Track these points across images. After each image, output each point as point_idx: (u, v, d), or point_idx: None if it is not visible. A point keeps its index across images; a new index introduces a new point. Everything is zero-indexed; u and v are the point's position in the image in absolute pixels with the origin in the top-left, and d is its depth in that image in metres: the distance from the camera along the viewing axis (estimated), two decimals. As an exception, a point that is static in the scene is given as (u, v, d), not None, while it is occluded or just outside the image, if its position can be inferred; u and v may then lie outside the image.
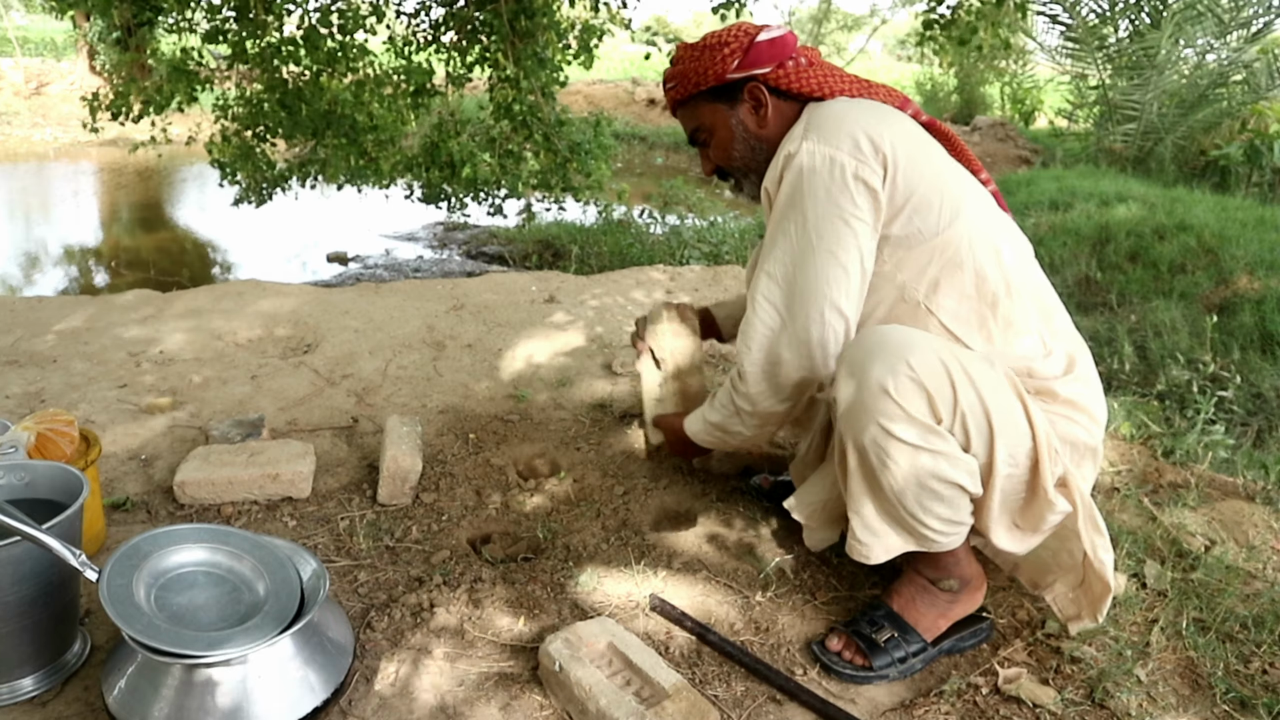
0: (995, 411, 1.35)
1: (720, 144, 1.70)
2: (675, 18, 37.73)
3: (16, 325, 3.09)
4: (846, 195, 1.45)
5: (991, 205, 1.60)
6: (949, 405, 1.34)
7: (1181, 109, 9.86)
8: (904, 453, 1.36)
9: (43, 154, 14.01)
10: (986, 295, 1.48)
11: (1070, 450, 1.47)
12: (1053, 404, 1.47)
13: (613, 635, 1.44)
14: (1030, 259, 1.60)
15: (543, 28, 6.10)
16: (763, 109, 1.64)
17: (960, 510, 1.42)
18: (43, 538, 1.28)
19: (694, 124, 1.73)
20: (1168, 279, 4.88)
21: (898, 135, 1.48)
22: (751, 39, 1.61)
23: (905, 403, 1.33)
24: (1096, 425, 1.50)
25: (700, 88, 1.66)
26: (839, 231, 1.46)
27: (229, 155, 6.45)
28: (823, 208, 1.47)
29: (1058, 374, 1.48)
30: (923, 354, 1.34)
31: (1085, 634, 1.60)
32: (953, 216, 1.48)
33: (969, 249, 1.48)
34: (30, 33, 23.21)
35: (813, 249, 1.48)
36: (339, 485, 2.10)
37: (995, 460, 1.37)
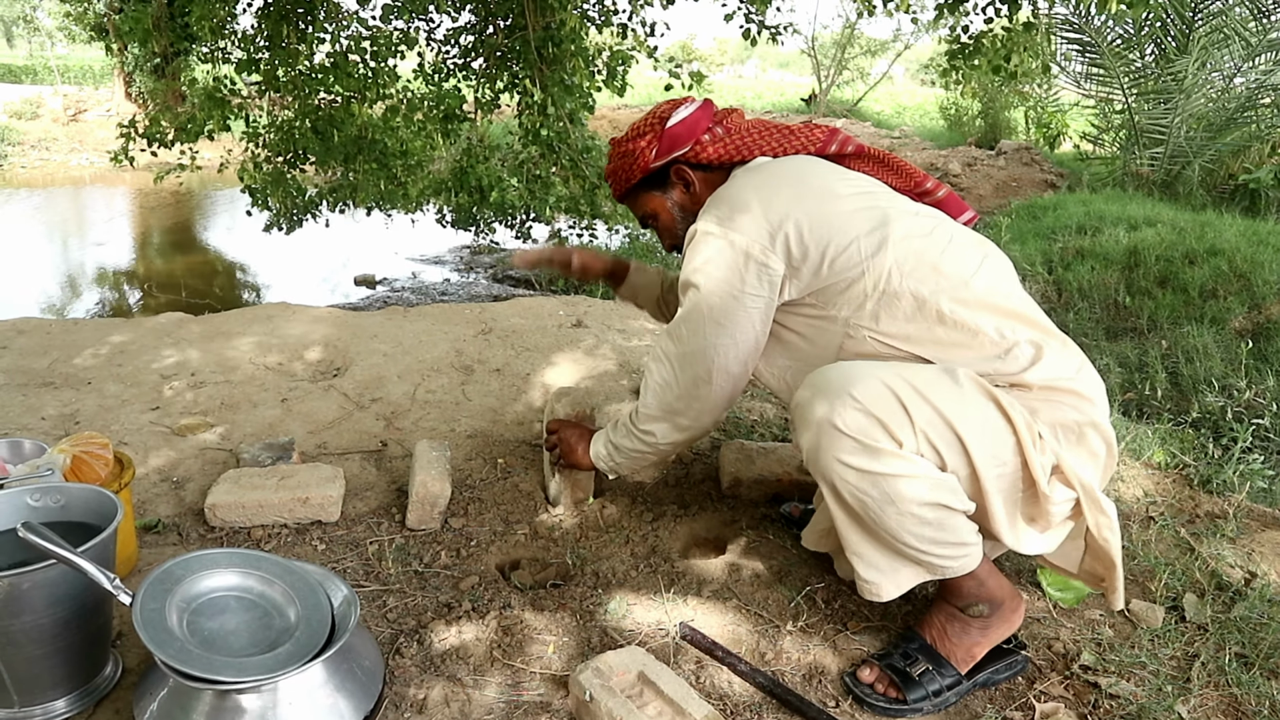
0: (960, 419, 1.35)
1: (665, 227, 1.84)
2: (700, 43, 37.98)
3: (53, 348, 3.14)
4: (737, 274, 1.56)
5: (926, 221, 1.58)
6: (905, 427, 1.35)
7: (1209, 132, 9.77)
8: (874, 483, 1.36)
9: (79, 179, 14.30)
10: (930, 313, 1.49)
11: (1063, 432, 1.46)
12: (1029, 394, 1.46)
13: (643, 665, 1.43)
14: (981, 259, 1.57)
15: (569, 54, 6.16)
16: (692, 186, 1.77)
17: (956, 531, 1.41)
18: (78, 561, 1.29)
19: (640, 212, 1.88)
20: (1199, 304, 4.82)
21: (795, 199, 1.55)
22: (664, 126, 1.73)
23: (858, 434, 1.35)
24: (1085, 401, 1.48)
25: (631, 182, 1.81)
26: (729, 307, 1.58)
27: (260, 181, 6.54)
28: (715, 284, 1.57)
29: (1025, 365, 1.46)
30: (865, 383, 1.36)
31: (1123, 668, 1.57)
32: (874, 249, 1.50)
33: (900, 276, 1.49)
34: (70, 61, 23.76)
35: (704, 319, 1.61)
36: (368, 509, 2.10)
37: (977, 467, 1.37)
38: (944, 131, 18.04)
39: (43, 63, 23.86)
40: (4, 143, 15.29)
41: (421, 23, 6.73)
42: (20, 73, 23.91)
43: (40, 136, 15.97)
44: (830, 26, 34.00)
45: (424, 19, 6.70)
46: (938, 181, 1.78)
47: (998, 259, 1.60)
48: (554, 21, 5.97)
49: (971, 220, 1.76)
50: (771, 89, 33.38)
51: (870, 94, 24.67)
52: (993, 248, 1.63)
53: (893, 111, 23.58)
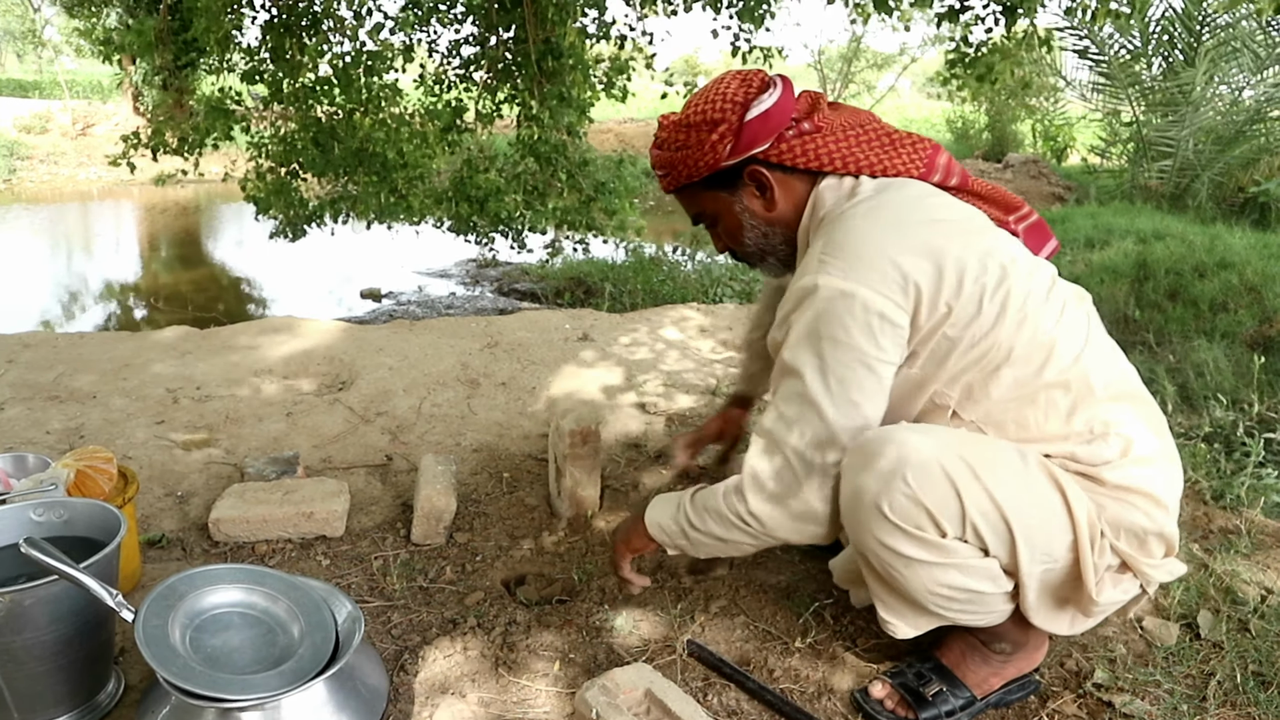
0: (1015, 512, 1.26)
1: (728, 231, 1.55)
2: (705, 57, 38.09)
3: (59, 361, 3.14)
4: (869, 338, 1.30)
5: (1041, 280, 1.38)
6: (954, 517, 1.26)
7: (1218, 145, 9.75)
8: (908, 566, 1.31)
9: (87, 193, 14.38)
10: (1025, 394, 1.33)
11: (1125, 535, 1.33)
12: (1101, 490, 1.32)
13: (650, 682, 1.41)
14: (1086, 326, 1.39)
15: (569, 68, 6.18)
16: (769, 191, 1.47)
17: (988, 604, 1.36)
18: (80, 577, 1.28)
19: (695, 209, 1.58)
20: (1209, 317, 4.78)
21: (930, 249, 1.31)
22: (742, 117, 1.41)
23: (903, 522, 1.27)
24: (1159, 508, 1.33)
25: (693, 179, 1.50)
26: (859, 377, 1.32)
27: (263, 192, 6.57)
28: (842, 352, 1.31)
29: (1109, 459, 1.32)
30: (922, 465, 1.24)
31: (1138, 686, 1.55)
32: (992, 323, 1.31)
33: (1007, 355, 1.32)
34: (79, 76, 23.94)
35: (833, 399, 1.33)
36: (373, 524, 2.09)
37: (1020, 560, 1.28)
38: (951, 145, 18.05)
39: (51, 77, 24.05)
40: (13, 156, 15.39)
41: (423, 35, 6.76)
42: (29, 87, 24.09)
43: (49, 151, 16.08)
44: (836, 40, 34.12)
45: (425, 31, 6.73)
46: (1030, 208, 1.56)
47: (1098, 326, 1.43)
48: (554, 35, 6.00)
49: (1053, 253, 1.55)
50: (777, 102, 33.41)
51: (876, 107, 24.71)
52: (1091, 309, 1.45)
53: (899, 125, 23.52)
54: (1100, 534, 1.31)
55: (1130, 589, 1.37)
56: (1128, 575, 1.35)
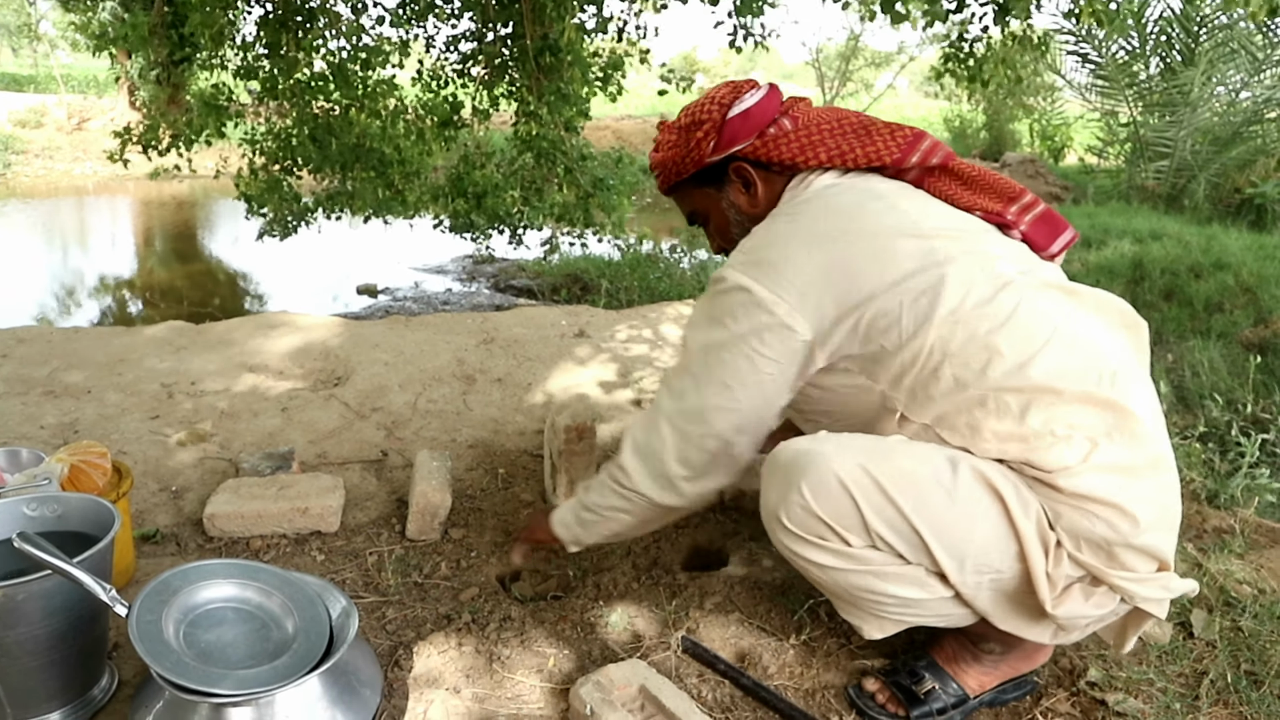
0: (929, 522, 1.24)
1: (718, 228, 1.63)
2: (704, 54, 38.09)
3: (53, 356, 3.13)
4: (755, 332, 1.35)
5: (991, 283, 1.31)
6: (856, 527, 1.26)
7: (1215, 146, 9.78)
8: (823, 572, 1.33)
9: (82, 188, 14.33)
10: (972, 395, 1.28)
11: (1087, 546, 1.26)
12: (1058, 497, 1.26)
13: (645, 678, 1.41)
14: (1051, 331, 1.30)
15: (567, 64, 6.18)
16: (753, 187, 1.54)
17: (931, 607, 1.34)
18: (74, 572, 1.28)
19: (689, 208, 1.67)
20: (1204, 318, 4.80)
21: (837, 255, 1.33)
22: (724, 115, 1.50)
23: (803, 531, 1.30)
24: (1125, 519, 1.23)
25: (682, 176, 1.59)
26: (739, 367, 1.38)
27: (256, 189, 6.55)
28: (727, 338, 1.38)
29: (1068, 464, 1.24)
30: (819, 477, 1.26)
31: (1131, 685, 1.55)
32: (916, 325, 1.29)
33: (941, 355, 1.29)
34: (74, 70, 23.87)
35: (708, 376, 1.41)
36: (368, 520, 2.09)
37: (946, 570, 1.27)
38: (948, 144, 18.03)
39: (46, 72, 23.96)
40: (8, 151, 15.33)
41: (420, 30, 6.75)
42: (24, 82, 24.00)
43: (44, 145, 16.02)
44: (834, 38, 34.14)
45: (422, 26, 6.72)
46: (1034, 198, 1.50)
47: (1078, 324, 1.33)
48: (552, 31, 5.99)
49: (1069, 243, 1.51)
50: (775, 101, 33.42)
51: (874, 106, 24.72)
52: (1076, 314, 1.35)
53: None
54: (1056, 543, 1.26)
55: (1107, 603, 1.30)
56: (1103, 588, 1.29)
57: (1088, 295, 1.42)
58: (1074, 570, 1.27)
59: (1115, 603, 1.31)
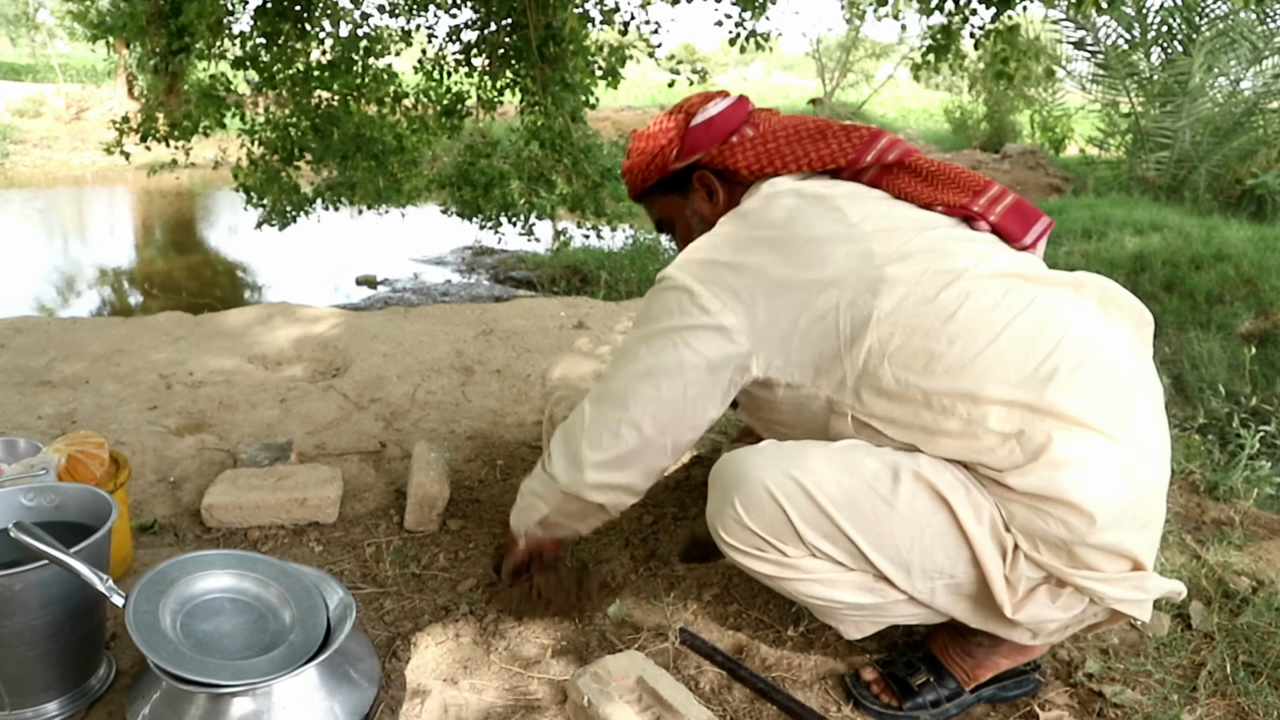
0: (864, 531, 1.23)
1: (683, 235, 1.65)
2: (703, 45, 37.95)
3: (51, 346, 3.12)
4: (687, 330, 1.36)
5: (934, 281, 1.30)
6: (789, 537, 1.26)
7: (1216, 137, 9.76)
8: (771, 581, 1.33)
9: (81, 178, 14.30)
10: (914, 396, 1.27)
11: (1044, 546, 1.22)
12: (1010, 496, 1.22)
13: (642, 670, 1.41)
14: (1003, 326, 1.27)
15: (570, 54, 6.16)
16: (715, 195, 1.57)
17: (889, 610, 1.33)
18: (70, 562, 1.27)
19: (655, 215, 1.71)
20: (1205, 309, 4.80)
21: (773, 265, 1.35)
22: (687, 124, 1.55)
23: (740, 544, 1.30)
24: (1080, 517, 1.18)
25: (648, 183, 1.63)
26: (665, 359, 1.38)
27: (255, 180, 6.53)
28: (659, 330, 1.39)
29: (1017, 462, 1.20)
30: (749, 489, 1.26)
31: (1129, 676, 1.55)
32: (853, 331, 1.29)
33: (881, 357, 1.28)
34: (72, 60, 23.78)
35: (635, 363, 1.41)
36: (366, 511, 2.09)
37: (891, 578, 1.26)
38: (949, 135, 18.04)
39: (45, 61, 23.89)
40: (6, 141, 15.29)
41: (421, 19, 6.72)
42: (23, 71, 23.91)
43: (43, 135, 15.97)
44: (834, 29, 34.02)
45: (423, 15, 6.69)
46: (1002, 189, 1.47)
47: (1036, 318, 1.28)
48: (555, 20, 5.97)
49: (1045, 231, 1.48)
50: (776, 92, 33.36)
51: (875, 97, 24.67)
52: (1040, 299, 1.30)
53: (898, 114, 23.57)
54: (1013, 546, 1.23)
55: (1074, 605, 1.27)
56: (1068, 589, 1.25)
57: (1063, 279, 1.38)
58: (1034, 572, 1.24)
59: (1084, 603, 1.27)
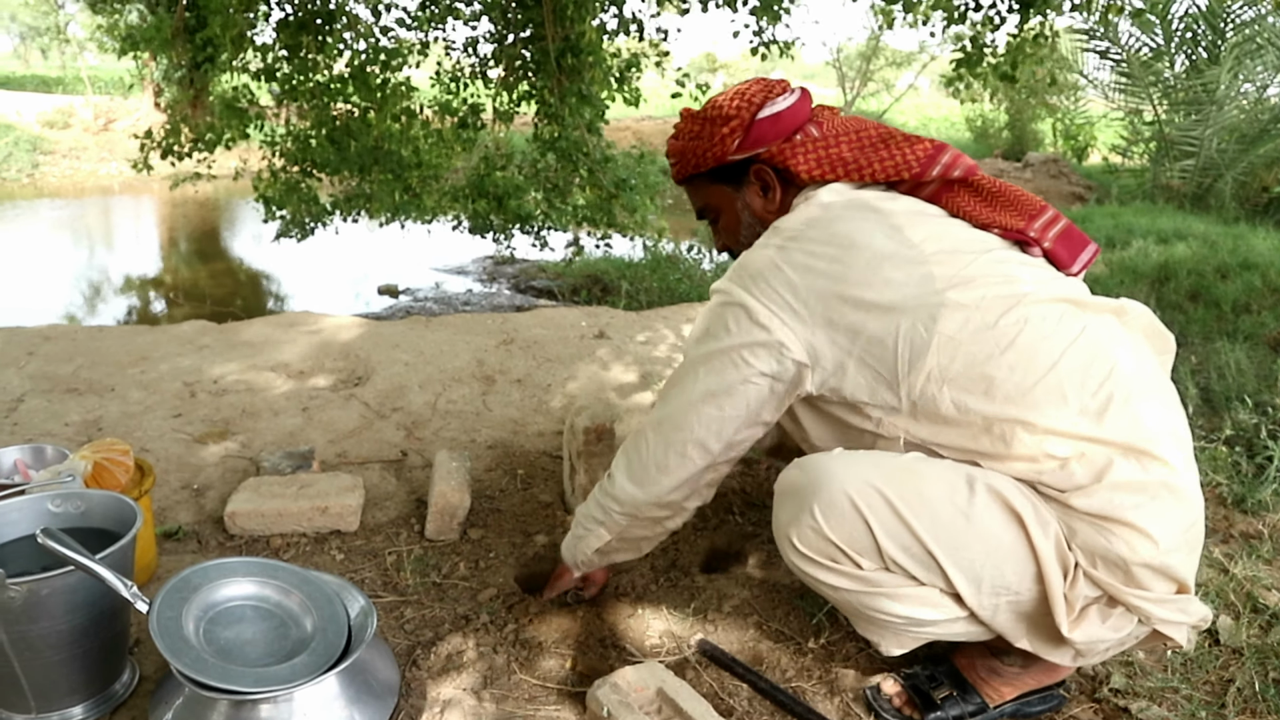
0: (944, 545, 1.22)
1: (727, 227, 1.61)
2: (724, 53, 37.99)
3: (78, 354, 3.16)
4: (747, 347, 1.35)
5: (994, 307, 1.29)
6: (868, 550, 1.24)
7: (1242, 144, 9.64)
8: (836, 593, 1.31)
9: (108, 188, 14.48)
10: (974, 421, 1.27)
11: (1108, 566, 1.22)
12: (1072, 514, 1.24)
13: (662, 681, 1.40)
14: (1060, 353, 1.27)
15: (588, 65, 6.17)
16: (771, 192, 1.52)
17: (946, 627, 1.31)
18: (95, 568, 1.29)
19: (700, 202, 1.64)
20: (1231, 319, 4.73)
21: (832, 284, 1.32)
22: (754, 115, 1.47)
23: (814, 554, 1.28)
24: (1143, 539, 1.20)
25: (700, 169, 1.56)
26: (727, 378, 1.37)
27: (275, 191, 6.58)
28: (719, 351, 1.38)
29: (1081, 483, 1.22)
30: (830, 497, 1.24)
31: (1155, 693, 1.53)
32: (919, 350, 1.28)
33: (940, 383, 1.28)
34: (101, 72, 24.11)
35: (695, 384, 1.40)
36: (387, 519, 2.09)
37: (961, 592, 1.24)
38: (970, 143, 17.94)
39: (74, 73, 24.24)
40: (36, 151, 15.51)
41: (439, 32, 6.76)
42: (53, 83, 24.29)
43: (71, 145, 16.18)
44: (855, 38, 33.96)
45: (440, 28, 6.73)
46: (1055, 213, 1.45)
47: (1089, 347, 1.28)
48: (573, 33, 5.99)
49: (1091, 259, 1.46)
50: (795, 100, 33.28)
51: (896, 106, 24.60)
52: (1090, 328, 1.30)
53: (919, 123, 23.49)
54: (1074, 564, 1.23)
55: (1124, 625, 1.26)
56: (1119, 609, 1.25)
57: (1106, 306, 1.38)
58: (1090, 590, 1.24)
59: (1133, 624, 1.27)
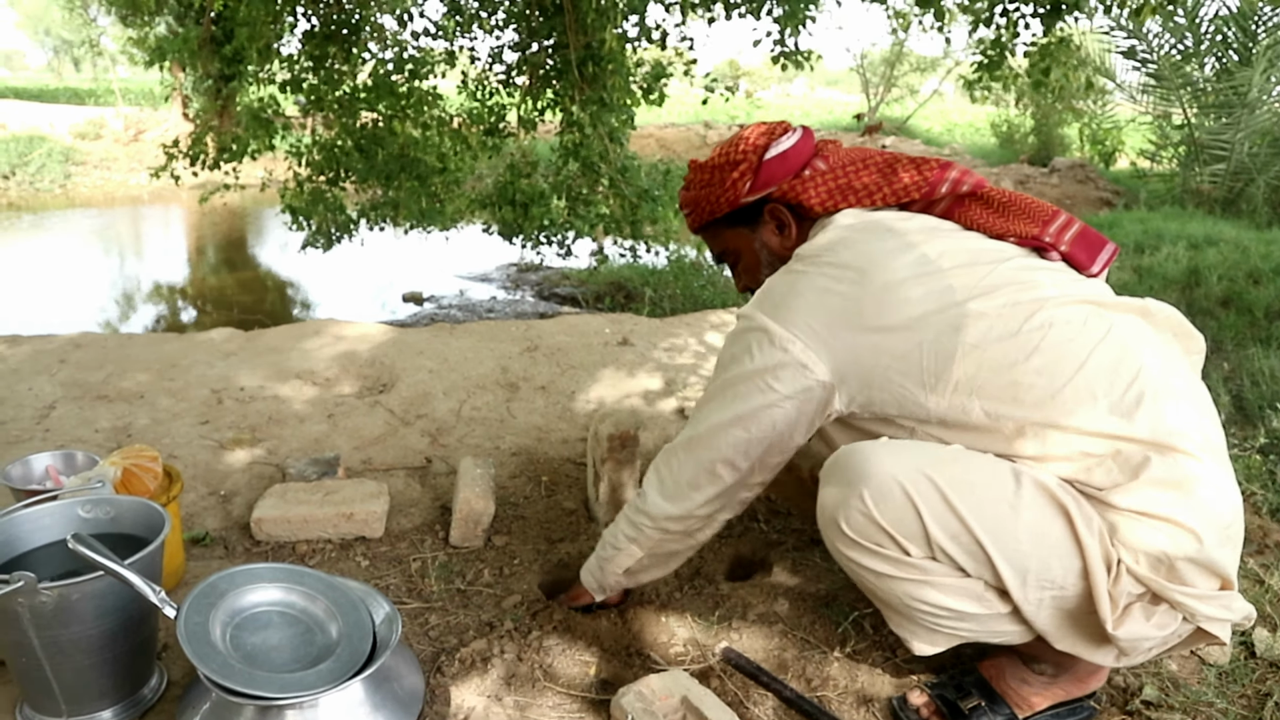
0: (993, 535, 1.21)
1: (748, 268, 1.64)
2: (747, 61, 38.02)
3: (108, 362, 3.20)
4: (770, 370, 1.37)
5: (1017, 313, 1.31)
6: (917, 537, 1.23)
7: (1274, 148, 9.50)
8: (879, 579, 1.30)
9: (138, 197, 14.69)
10: (1005, 427, 1.29)
11: (1151, 562, 1.22)
12: (1112, 511, 1.24)
13: (687, 690, 1.39)
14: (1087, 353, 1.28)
15: (610, 73, 6.18)
16: (787, 229, 1.56)
17: (986, 623, 1.30)
18: (125, 573, 1.30)
19: (719, 248, 1.69)
20: (1264, 325, 4.66)
21: (852, 303, 1.34)
22: (761, 157, 1.53)
23: (862, 538, 1.27)
24: (1185, 533, 1.20)
25: (716, 215, 1.61)
26: (753, 400, 1.39)
27: (300, 201, 6.63)
28: (744, 376, 1.40)
29: (1119, 481, 1.23)
30: (880, 482, 1.24)
31: (1189, 705, 1.50)
32: (945, 361, 1.30)
33: (969, 392, 1.29)
34: (131, 84, 24.48)
35: (723, 407, 1.43)
36: (412, 526, 2.10)
37: (1008, 585, 1.23)
38: (995, 149, 17.82)
39: (105, 85, 24.62)
40: (68, 162, 15.77)
41: (465, 40, 6.81)
42: (85, 95, 24.68)
43: (102, 156, 16.43)
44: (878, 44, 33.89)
45: (467, 36, 6.78)
46: (1069, 217, 1.47)
47: (1116, 347, 1.30)
48: (594, 41, 6.00)
49: (1111, 258, 1.47)
50: (820, 107, 33.27)
51: (920, 111, 24.49)
52: (1116, 327, 1.32)
53: (943, 129, 23.36)
54: (1117, 560, 1.22)
55: (1168, 623, 1.25)
56: (1163, 606, 1.24)
57: (1130, 306, 1.39)
58: (1134, 587, 1.22)
59: (1177, 622, 1.25)
